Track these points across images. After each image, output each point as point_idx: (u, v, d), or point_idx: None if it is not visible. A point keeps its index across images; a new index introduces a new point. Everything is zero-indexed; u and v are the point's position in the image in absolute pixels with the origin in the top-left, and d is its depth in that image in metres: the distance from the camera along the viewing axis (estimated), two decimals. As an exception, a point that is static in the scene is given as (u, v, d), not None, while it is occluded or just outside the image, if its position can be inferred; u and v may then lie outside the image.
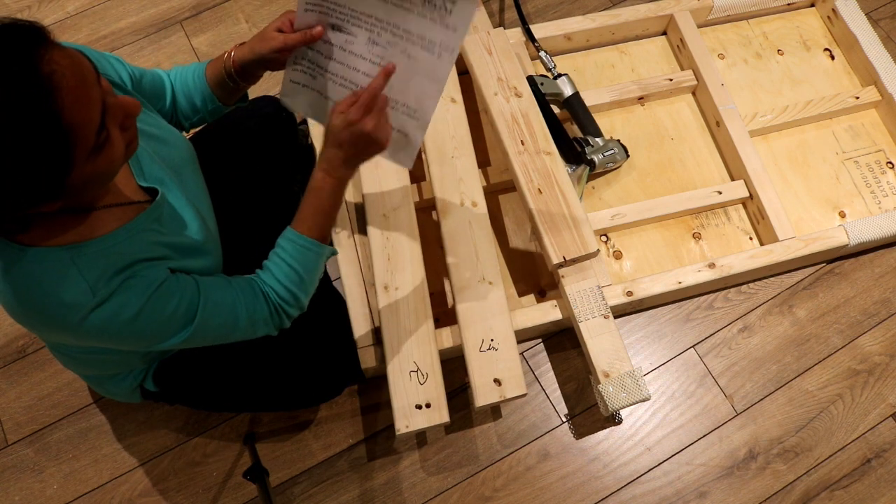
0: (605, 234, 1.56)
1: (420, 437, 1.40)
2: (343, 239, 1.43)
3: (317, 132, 1.49)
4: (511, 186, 1.56)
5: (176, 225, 0.95)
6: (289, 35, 0.95)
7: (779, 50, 1.79)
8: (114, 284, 0.83)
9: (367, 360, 1.33)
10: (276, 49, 0.96)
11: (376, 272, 1.35)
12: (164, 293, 0.87)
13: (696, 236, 1.57)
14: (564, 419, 1.42)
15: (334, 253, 1.04)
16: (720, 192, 1.57)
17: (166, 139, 1.01)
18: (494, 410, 1.42)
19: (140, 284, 0.85)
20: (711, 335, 1.50)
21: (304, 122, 1.54)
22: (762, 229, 1.55)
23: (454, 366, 1.41)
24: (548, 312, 1.41)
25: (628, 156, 1.60)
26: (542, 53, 1.65)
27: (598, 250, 1.37)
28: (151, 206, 0.90)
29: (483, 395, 1.26)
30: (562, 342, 1.49)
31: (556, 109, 1.61)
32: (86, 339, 0.88)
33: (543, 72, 1.65)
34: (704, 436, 1.41)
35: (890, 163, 1.66)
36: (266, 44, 0.96)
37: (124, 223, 0.87)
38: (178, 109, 1.10)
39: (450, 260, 1.36)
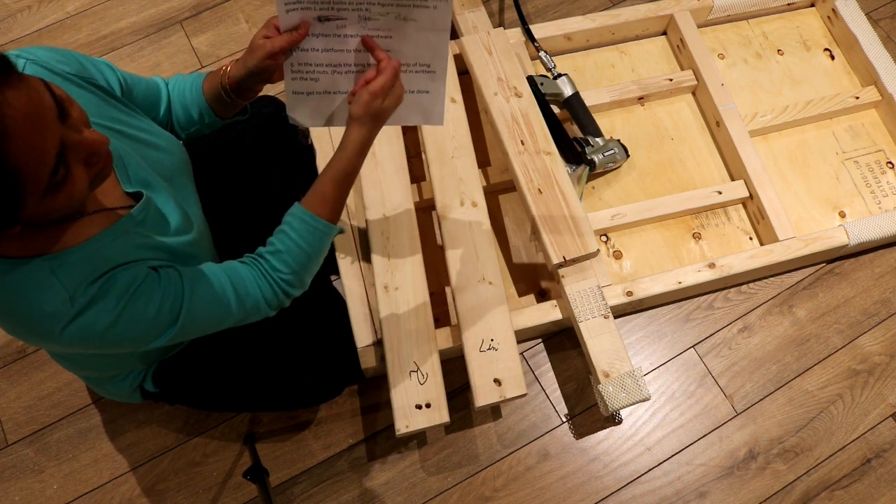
0: (605, 234, 1.56)
1: (420, 437, 1.40)
2: (343, 239, 1.43)
3: (317, 132, 1.49)
4: (511, 186, 1.56)
5: (163, 227, 0.93)
6: (274, 39, 0.92)
7: (779, 50, 1.79)
8: (91, 292, 0.81)
9: (367, 360, 1.33)
10: (264, 57, 0.93)
11: (376, 272, 1.35)
12: (143, 294, 0.84)
13: (696, 236, 1.57)
14: (564, 419, 1.42)
15: (342, 231, 1.04)
16: (720, 192, 1.57)
17: (158, 144, 0.99)
18: (494, 410, 1.42)
19: (116, 288, 0.82)
20: (711, 335, 1.50)
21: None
22: (762, 229, 1.55)
23: (454, 366, 1.40)
24: (548, 312, 1.41)
25: (628, 156, 1.60)
26: (542, 53, 1.65)
27: (598, 250, 1.37)
28: (135, 209, 0.88)
29: (483, 395, 1.26)
30: (562, 342, 1.49)
31: (556, 109, 1.61)
32: (70, 348, 0.86)
33: (543, 72, 1.65)
34: (704, 436, 1.41)
35: (890, 163, 1.66)
36: (254, 55, 0.94)
37: (106, 228, 0.85)
38: (174, 119, 1.08)
39: (450, 260, 1.36)
